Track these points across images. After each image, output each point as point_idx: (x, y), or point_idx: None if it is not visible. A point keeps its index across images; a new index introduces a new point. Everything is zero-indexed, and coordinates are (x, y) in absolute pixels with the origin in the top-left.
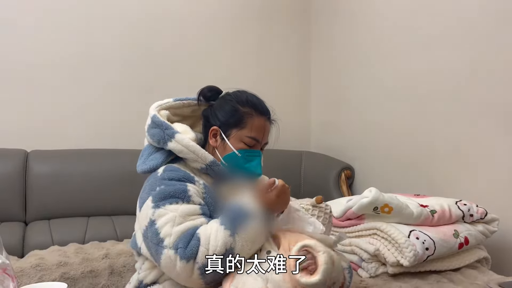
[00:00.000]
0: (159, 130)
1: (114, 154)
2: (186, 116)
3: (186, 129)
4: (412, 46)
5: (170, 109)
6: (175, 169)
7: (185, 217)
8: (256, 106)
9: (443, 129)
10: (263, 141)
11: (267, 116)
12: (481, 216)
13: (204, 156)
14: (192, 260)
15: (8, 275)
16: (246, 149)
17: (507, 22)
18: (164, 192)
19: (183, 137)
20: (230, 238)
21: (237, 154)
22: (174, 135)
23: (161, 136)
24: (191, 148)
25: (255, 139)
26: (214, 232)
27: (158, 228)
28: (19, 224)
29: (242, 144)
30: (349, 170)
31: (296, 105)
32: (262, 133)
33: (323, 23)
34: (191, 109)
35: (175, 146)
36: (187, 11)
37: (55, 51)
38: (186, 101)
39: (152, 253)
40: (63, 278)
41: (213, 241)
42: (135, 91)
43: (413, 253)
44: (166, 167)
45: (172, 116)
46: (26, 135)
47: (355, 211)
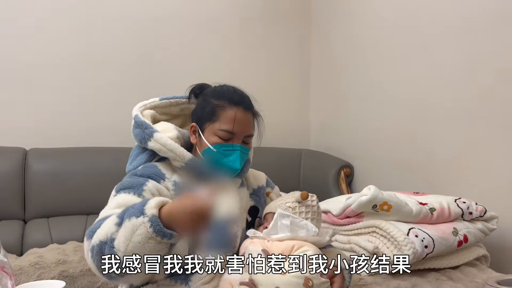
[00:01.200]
0: (140, 130)
1: (112, 152)
2: (175, 115)
3: (167, 128)
4: (412, 46)
5: (156, 108)
6: (150, 166)
7: (120, 206)
8: (230, 96)
9: (442, 127)
10: (241, 134)
11: (242, 106)
12: (480, 214)
13: (182, 154)
14: (90, 240)
15: (6, 273)
16: (221, 143)
17: (507, 22)
18: (124, 183)
19: (162, 135)
20: (115, 227)
21: (212, 149)
22: (152, 134)
23: (142, 136)
24: (169, 146)
25: (228, 131)
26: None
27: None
28: (18, 222)
29: (216, 138)
30: (348, 168)
31: (295, 103)
32: (237, 124)
33: (323, 23)
34: (179, 107)
35: (154, 145)
36: (187, 11)
37: (54, 50)
38: (174, 100)
39: None
40: (62, 276)
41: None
42: (134, 89)
43: (412, 251)
44: (144, 165)
45: (160, 115)
46: (25, 133)
47: (354, 209)
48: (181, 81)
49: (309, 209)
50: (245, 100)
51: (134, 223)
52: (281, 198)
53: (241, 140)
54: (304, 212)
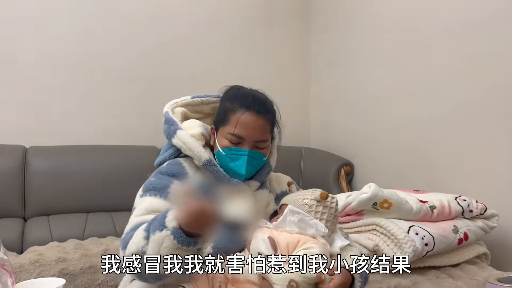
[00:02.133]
0: (167, 126)
1: (113, 150)
2: (207, 113)
3: (192, 124)
4: (412, 45)
5: (187, 106)
6: (175, 163)
7: (150, 211)
8: (242, 100)
9: (443, 126)
10: (251, 138)
11: (253, 110)
12: (481, 211)
13: (199, 154)
14: (124, 250)
15: (6, 270)
16: (231, 147)
17: (507, 23)
18: (150, 184)
19: (184, 133)
20: (144, 240)
21: (222, 153)
22: (176, 131)
23: (168, 133)
24: (188, 145)
25: (237, 136)
26: (139, 230)
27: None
28: (18, 220)
29: (226, 142)
30: (348, 166)
31: (296, 101)
32: (248, 129)
33: (323, 22)
34: (211, 106)
35: (177, 142)
36: (187, 11)
37: (55, 49)
38: (205, 99)
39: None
40: (62, 274)
41: (134, 238)
42: (134, 88)
43: (412, 248)
44: (170, 161)
45: (192, 114)
46: (25, 131)
47: (354, 206)
48: (181, 80)
49: (326, 210)
50: (257, 104)
51: (158, 237)
52: (301, 193)
53: (252, 145)
54: (321, 212)
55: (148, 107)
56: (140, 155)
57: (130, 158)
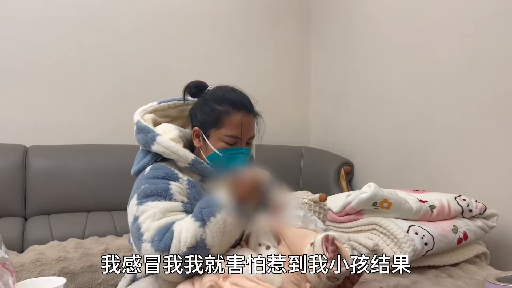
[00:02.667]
0: (143, 134)
1: (113, 149)
2: (174, 117)
3: (168, 129)
4: (411, 43)
5: (155, 112)
6: (160, 167)
7: (165, 213)
8: (233, 102)
9: (443, 124)
10: (245, 136)
11: (245, 110)
12: (480, 211)
13: (185, 155)
14: (166, 253)
15: (7, 269)
16: (227, 148)
17: (507, 22)
18: (147, 190)
19: (164, 139)
20: (200, 229)
21: (218, 154)
22: (155, 138)
23: (145, 140)
24: (172, 149)
25: (234, 137)
26: (186, 225)
27: (140, 223)
28: (18, 219)
29: (222, 144)
30: (348, 165)
31: (296, 101)
32: (242, 129)
33: (323, 21)
34: (178, 109)
35: (158, 148)
36: (187, 10)
37: (54, 47)
38: (172, 102)
39: (136, 248)
40: (63, 273)
41: (185, 233)
42: (134, 87)
43: (412, 248)
44: (152, 166)
45: (160, 119)
46: (26, 130)
47: (354, 206)
48: (181, 80)
49: (322, 210)
50: (247, 103)
51: (220, 218)
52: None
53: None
54: (317, 212)
55: None
56: None
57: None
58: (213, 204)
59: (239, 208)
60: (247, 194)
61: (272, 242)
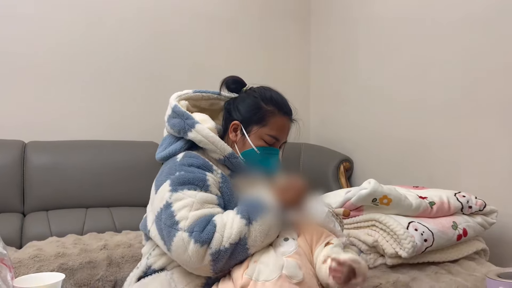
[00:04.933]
0: (180, 120)
1: (112, 145)
2: (204, 108)
3: (205, 119)
4: (411, 41)
5: (189, 100)
6: (195, 156)
7: (203, 204)
8: (280, 105)
9: (442, 122)
10: (283, 140)
11: (289, 116)
12: (480, 208)
13: (223, 147)
14: (206, 245)
15: (6, 265)
16: (265, 146)
17: (506, 20)
18: (183, 177)
19: (203, 127)
20: (246, 227)
21: (256, 151)
22: (194, 125)
23: (181, 126)
24: (211, 139)
25: (275, 137)
26: (230, 220)
27: (174, 211)
28: (17, 215)
29: (261, 142)
30: (348, 162)
31: (295, 97)
32: (283, 132)
33: (323, 20)
34: (209, 102)
35: (195, 136)
36: (188, 10)
37: (53, 43)
38: (206, 94)
39: (163, 236)
40: (61, 269)
41: (229, 229)
42: (134, 83)
43: (412, 244)
44: (186, 153)
45: (191, 108)
46: (24, 126)
47: (353, 202)
48: (182, 76)
49: (341, 224)
50: (290, 109)
51: (266, 220)
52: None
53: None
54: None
55: (147, 102)
56: (139, 151)
57: (129, 154)
58: (261, 205)
59: (284, 214)
60: (295, 201)
61: (291, 234)
